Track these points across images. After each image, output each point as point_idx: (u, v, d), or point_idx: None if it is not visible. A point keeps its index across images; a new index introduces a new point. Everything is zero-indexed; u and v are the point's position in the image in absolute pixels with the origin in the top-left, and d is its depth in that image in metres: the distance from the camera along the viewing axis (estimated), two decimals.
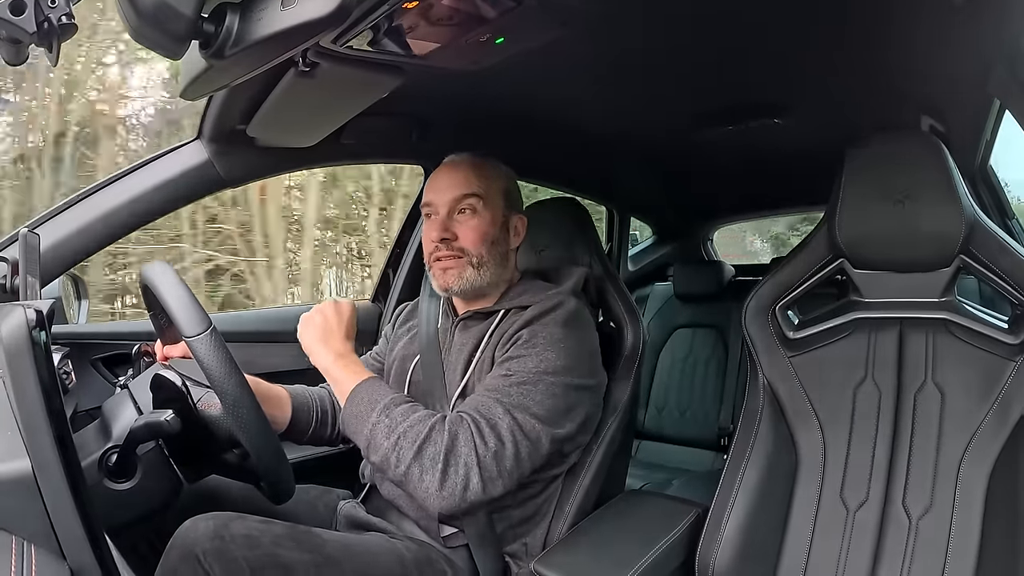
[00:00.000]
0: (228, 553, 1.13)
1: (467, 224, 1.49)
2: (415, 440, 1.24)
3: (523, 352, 1.37)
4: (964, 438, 1.27)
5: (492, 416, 1.29)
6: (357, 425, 1.31)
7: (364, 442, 1.30)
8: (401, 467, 1.24)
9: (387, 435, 1.26)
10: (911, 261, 1.36)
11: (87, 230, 1.56)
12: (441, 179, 1.54)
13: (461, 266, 1.49)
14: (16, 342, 0.74)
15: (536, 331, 1.40)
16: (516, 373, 1.34)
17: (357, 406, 1.32)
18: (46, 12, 0.71)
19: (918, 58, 1.57)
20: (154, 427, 1.11)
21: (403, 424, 1.26)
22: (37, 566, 0.62)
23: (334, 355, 1.40)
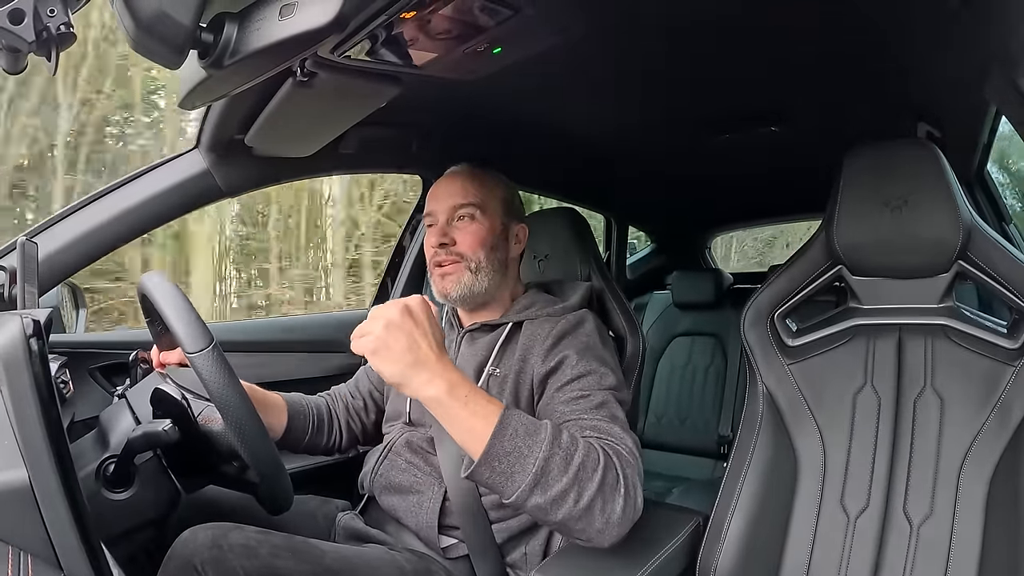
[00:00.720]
0: (226, 563, 1.13)
1: (465, 230, 1.50)
2: (595, 469, 1.11)
3: (584, 371, 1.35)
4: (964, 444, 1.27)
5: (616, 434, 1.23)
6: (517, 463, 1.08)
7: (530, 481, 1.07)
8: (583, 501, 1.08)
9: (564, 468, 1.09)
10: (909, 267, 1.36)
11: (85, 239, 1.57)
12: (441, 189, 1.55)
13: (459, 271, 1.49)
14: (13, 351, 0.74)
15: (583, 348, 1.39)
16: (593, 395, 1.31)
17: (512, 440, 1.09)
18: (45, 21, 0.71)
19: (914, 65, 1.58)
20: (152, 437, 1.11)
21: (578, 453, 1.11)
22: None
23: (446, 385, 1.08)
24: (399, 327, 1.06)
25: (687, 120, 2.03)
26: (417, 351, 1.06)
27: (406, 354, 1.06)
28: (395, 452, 1.52)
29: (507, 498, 1.09)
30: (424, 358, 1.07)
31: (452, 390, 1.07)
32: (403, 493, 1.47)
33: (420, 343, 1.07)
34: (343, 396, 1.74)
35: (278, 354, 2.14)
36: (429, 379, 1.07)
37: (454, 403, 1.08)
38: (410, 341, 1.06)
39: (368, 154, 2.00)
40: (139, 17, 0.72)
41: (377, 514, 1.53)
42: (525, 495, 1.08)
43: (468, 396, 1.09)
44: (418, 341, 1.07)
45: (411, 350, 1.06)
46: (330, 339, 2.31)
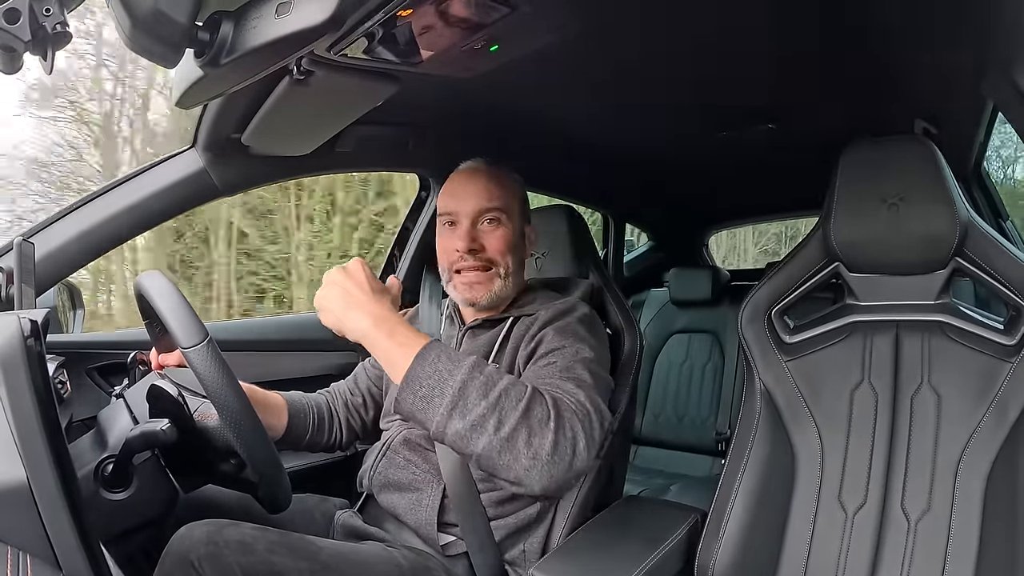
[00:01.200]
0: (222, 559, 1.13)
1: (493, 234, 1.49)
2: (519, 399, 1.13)
3: (558, 345, 1.36)
4: (961, 440, 1.27)
5: (569, 389, 1.24)
6: (434, 387, 1.11)
7: (446, 406, 1.10)
8: (505, 428, 1.10)
9: (484, 393, 1.11)
10: (906, 264, 1.36)
11: (82, 239, 1.56)
12: (462, 188, 1.52)
13: (490, 279, 1.49)
14: (11, 352, 0.74)
15: (562, 328, 1.40)
16: (561, 360, 1.32)
17: (434, 364, 1.12)
18: (41, 21, 0.71)
19: (911, 62, 1.58)
20: (150, 437, 1.11)
21: (502, 382, 1.14)
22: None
23: (371, 319, 1.15)
24: (335, 282, 1.18)
25: (684, 118, 2.03)
26: (348, 297, 1.17)
27: (340, 301, 1.17)
28: (393, 450, 1.52)
29: (430, 426, 1.12)
30: (355, 302, 1.16)
31: (377, 323, 1.15)
32: (402, 491, 1.47)
33: (352, 291, 1.17)
34: (342, 393, 1.74)
35: (276, 353, 2.14)
36: (357, 316, 1.15)
37: (379, 334, 1.15)
38: (343, 290, 1.17)
39: (365, 153, 1.99)
40: (135, 15, 0.72)
41: (376, 512, 1.53)
42: (444, 420, 1.10)
43: (393, 328, 1.16)
44: (350, 290, 1.17)
45: (344, 297, 1.17)
46: (328, 338, 2.30)
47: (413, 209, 2.44)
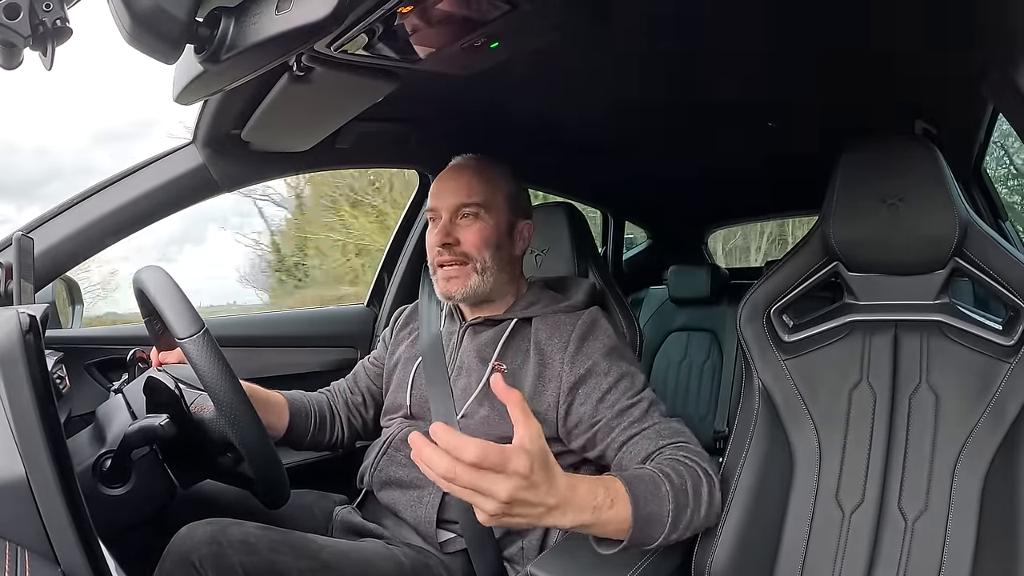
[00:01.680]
0: (224, 559, 1.13)
1: (470, 229, 1.50)
2: (697, 487, 1.24)
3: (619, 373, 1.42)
4: (959, 440, 1.27)
5: (676, 428, 1.35)
6: (655, 520, 1.15)
7: (667, 528, 1.18)
8: (701, 513, 1.24)
9: (686, 504, 1.21)
10: (905, 264, 1.36)
11: (81, 234, 1.56)
12: (445, 184, 1.54)
13: (465, 273, 1.49)
14: (9, 347, 0.74)
15: (607, 349, 1.45)
16: (636, 400, 1.39)
17: (646, 507, 1.13)
18: (41, 16, 0.71)
19: (912, 62, 1.58)
20: (148, 432, 1.11)
21: (688, 483, 1.23)
22: (31, 572, 0.62)
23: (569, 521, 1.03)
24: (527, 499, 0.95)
25: (684, 116, 2.02)
26: (547, 501, 0.97)
27: (537, 508, 0.97)
28: (394, 447, 1.52)
29: (650, 546, 1.19)
30: (552, 506, 0.98)
31: (583, 514, 1.04)
32: (403, 488, 1.47)
33: (544, 498, 0.97)
34: (342, 391, 1.75)
35: (276, 349, 2.14)
36: (562, 516, 1.01)
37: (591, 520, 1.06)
38: (536, 501, 0.96)
39: (365, 149, 1.99)
40: (135, 11, 0.72)
41: (375, 508, 1.53)
42: (667, 539, 1.19)
43: (597, 507, 1.06)
44: (543, 499, 0.97)
45: (542, 503, 0.97)
46: (328, 334, 2.31)
47: (412, 206, 2.44)
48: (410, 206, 2.45)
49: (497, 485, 0.90)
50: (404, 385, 1.58)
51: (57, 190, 11.81)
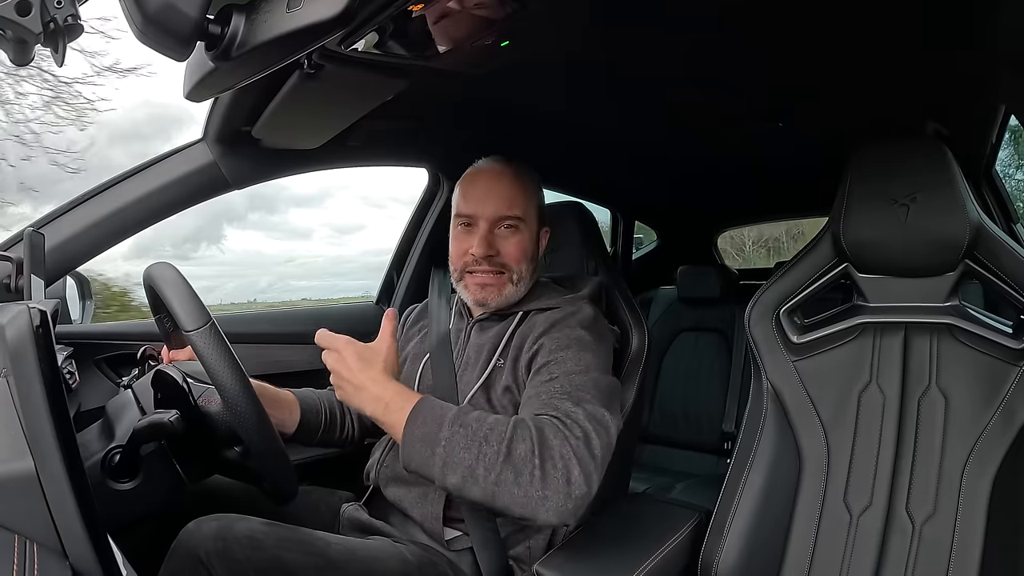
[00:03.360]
0: (231, 555, 1.13)
1: (510, 240, 1.51)
2: (500, 441, 1.17)
3: (556, 356, 1.37)
4: (968, 443, 1.27)
5: (564, 409, 1.25)
6: (426, 448, 1.18)
7: (439, 463, 1.17)
8: (492, 475, 1.14)
9: (467, 446, 1.17)
10: (916, 266, 1.36)
11: (92, 230, 1.57)
12: (483, 192, 1.53)
13: (502, 283, 1.51)
14: (20, 342, 0.74)
15: (561, 336, 1.41)
16: (560, 375, 1.33)
17: (421, 427, 1.20)
18: (52, 13, 0.71)
19: (923, 62, 1.57)
20: (157, 427, 1.11)
21: (482, 429, 1.19)
22: (39, 566, 0.62)
23: (369, 402, 1.26)
24: (332, 369, 1.30)
25: (694, 115, 2.02)
26: (344, 383, 1.28)
27: (342, 386, 1.29)
28: None
29: (437, 481, 1.19)
30: (352, 387, 1.27)
31: (373, 402, 1.26)
32: (408, 485, 1.47)
33: (346, 376, 1.27)
34: None
35: (285, 346, 2.14)
36: (359, 400, 1.27)
37: (377, 413, 1.26)
38: (339, 377, 1.29)
39: (375, 147, 2.00)
40: (146, 9, 0.72)
41: (382, 505, 1.53)
42: (441, 477, 1.18)
43: (388, 403, 1.25)
44: (344, 375, 1.28)
45: (342, 383, 1.29)
46: (338, 331, 2.31)
47: (421, 204, 2.44)
48: (419, 205, 2.44)
49: (327, 356, 1.30)
50: (412, 381, 1.58)
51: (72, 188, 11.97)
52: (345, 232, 20.80)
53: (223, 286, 13.25)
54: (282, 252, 14.83)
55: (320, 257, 18.07)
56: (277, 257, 16.18)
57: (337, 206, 21.63)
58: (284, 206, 19.29)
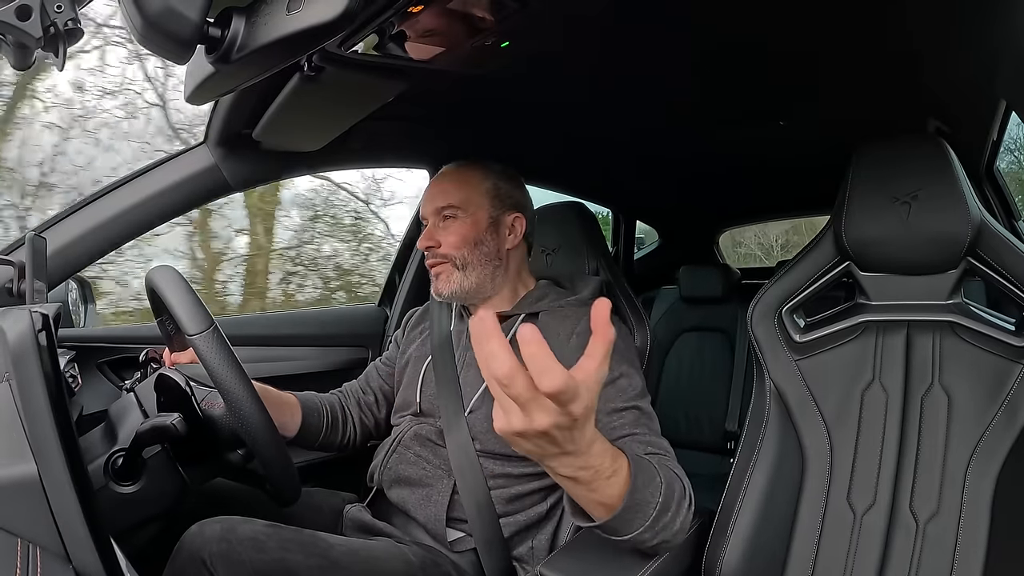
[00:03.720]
0: (234, 556, 1.13)
1: (448, 229, 1.54)
2: (680, 499, 1.17)
3: (615, 375, 1.40)
4: (971, 441, 1.27)
5: (664, 447, 1.32)
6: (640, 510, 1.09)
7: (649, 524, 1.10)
8: (675, 527, 1.15)
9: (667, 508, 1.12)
10: (918, 263, 1.36)
11: (94, 234, 1.57)
12: (429, 191, 1.60)
13: (448, 271, 1.54)
14: (22, 345, 0.74)
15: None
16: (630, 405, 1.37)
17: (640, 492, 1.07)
18: (52, 17, 0.71)
19: (924, 60, 1.57)
20: (160, 430, 1.11)
21: (676, 492, 1.17)
22: (42, 569, 0.62)
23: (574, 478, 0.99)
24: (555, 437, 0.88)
25: (695, 114, 2.02)
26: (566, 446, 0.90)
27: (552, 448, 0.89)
28: (404, 445, 1.53)
29: (620, 537, 1.10)
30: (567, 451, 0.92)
31: (582, 471, 0.98)
32: (412, 486, 1.48)
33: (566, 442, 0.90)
34: (354, 392, 1.76)
35: (287, 348, 2.14)
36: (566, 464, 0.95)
37: (585, 479, 0.99)
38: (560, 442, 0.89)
39: (376, 149, 2.00)
40: (146, 12, 0.72)
41: (385, 507, 1.54)
42: (640, 536, 1.10)
43: (598, 470, 1.00)
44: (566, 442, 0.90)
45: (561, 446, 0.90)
46: (339, 333, 2.31)
47: None
48: (419, 208, 2.45)
49: (545, 414, 0.84)
50: (414, 383, 1.59)
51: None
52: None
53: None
54: None
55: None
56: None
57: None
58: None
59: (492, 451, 1.43)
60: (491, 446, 1.43)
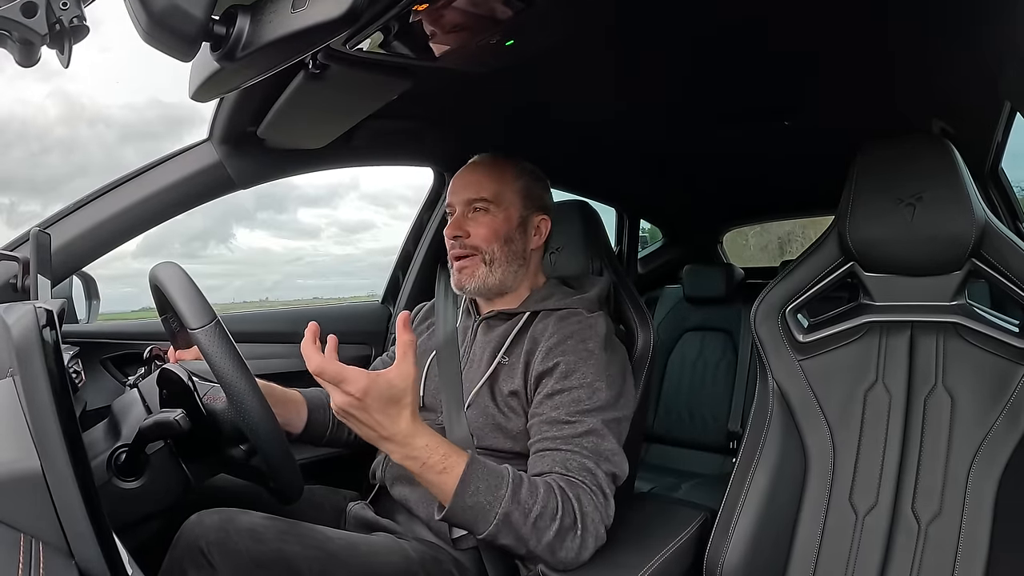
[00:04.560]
0: (232, 545, 1.13)
1: (479, 222, 1.54)
2: (552, 518, 1.21)
3: (575, 383, 1.37)
4: (974, 443, 1.26)
5: (594, 473, 1.29)
6: (476, 515, 1.19)
7: (492, 530, 1.18)
8: (541, 546, 1.20)
9: (523, 520, 1.19)
10: (922, 264, 1.35)
11: (98, 230, 1.57)
12: (458, 182, 1.59)
13: (475, 264, 1.53)
14: (26, 341, 0.74)
15: (579, 354, 1.40)
16: (578, 419, 1.33)
17: (473, 497, 1.19)
18: (58, 14, 0.71)
19: (928, 61, 1.56)
20: (163, 426, 1.12)
21: (536, 505, 1.20)
22: (45, 564, 0.62)
23: (399, 455, 1.17)
24: (350, 416, 1.14)
25: (700, 113, 2.02)
26: (368, 431, 1.15)
27: (370, 432, 1.15)
28: None
29: (478, 536, 1.22)
30: (377, 437, 1.15)
31: (406, 458, 1.17)
32: (414, 483, 1.47)
33: (369, 423, 1.13)
34: None
35: (290, 345, 2.14)
36: (388, 449, 1.17)
37: (413, 468, 1.18)
38: (360, 424, 1.14)
39: (381, 147, 2.00)
40: (151, 9, 0.72)
41: (388, 504, 1.54)
42: (492, 539, 1.20)
43: (425, 460, 1.17)
44: (367, 422, 1.13)
45: (366, 431, 1.15)
46: (342, 330, 2.31)
47: (426, 204, 2.44)
48: (424, 204, 2.45)
49: (335, 394, 1.10)
50: (418, 378, 1.59)
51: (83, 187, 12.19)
52: (353, 231, 20.93)
53: (230, 284, 13.32)
54: (289, 251, 14.91)
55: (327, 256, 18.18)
56: (285, 256, 16.30)
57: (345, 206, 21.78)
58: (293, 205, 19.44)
59: (487, 447, 1.44)
60: (486, 441, 1.44)
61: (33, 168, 46.73)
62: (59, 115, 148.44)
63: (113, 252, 1.63)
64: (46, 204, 19.73)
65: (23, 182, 54.21)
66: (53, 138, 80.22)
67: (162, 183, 1.64)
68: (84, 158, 47.96)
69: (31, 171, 45.38)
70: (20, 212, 29.36)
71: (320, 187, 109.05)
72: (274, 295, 13.10)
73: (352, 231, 66.48)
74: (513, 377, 1.45)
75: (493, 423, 1.44)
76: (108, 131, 51.43)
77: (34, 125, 77.46)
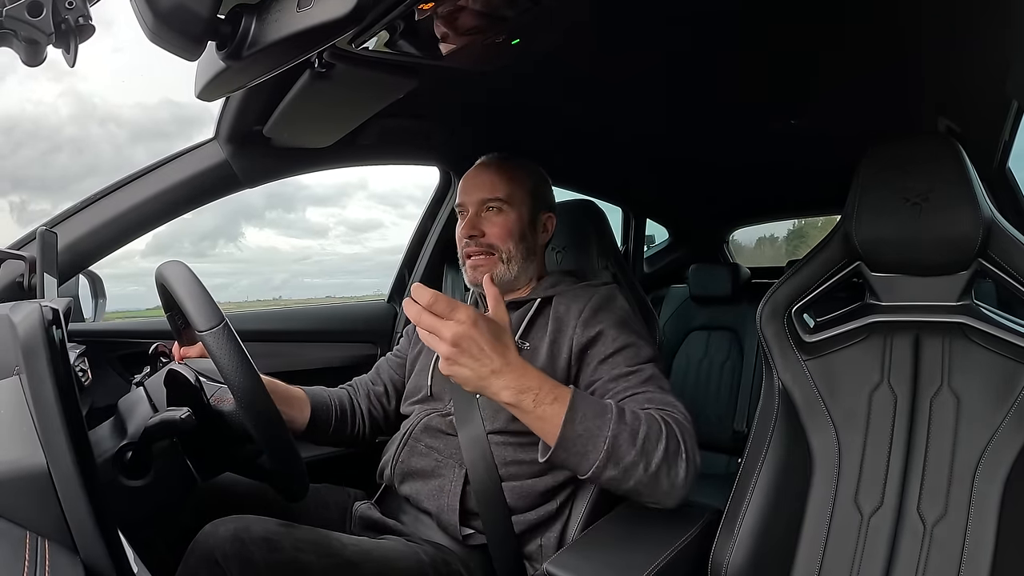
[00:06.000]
0: (247, 556, 1.13)
1: (493, 221, 1.58)
2: (658, 439, 1.21)
3: (624, 342, 1.44)
4: (980, 444, 1.26)
5: (670, 402, 1.34)
6: (588, 443, 1.17)
7: (603, 458, 1.17)
8: (651, 469, 1.19)
9: (632, 442, 1.18)
10: (928, 264, 1.35)
11: (104, 229, 1.58)
12: (470, 182, 1.62)
13: (492, 263, 1.57)
14: (32, 340, 0.75)
15: (619, 320, 1.48)
16: (638, 365, 1.41)
17: (583, 423, 1.17)
18: (63, 14, 0.72)
19: (935, 60, 1.56)
20: (169, 425, 1.12)
21: (642, 427, 1.21)
22: (51, 562, 0.62)
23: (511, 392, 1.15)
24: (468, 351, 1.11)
25: (705, 113, 2.02)
26: (479, 366, 1.12)
27: (481, 368, 1.12)
28: (414, 438, 1.53)
29: (583, 474, 1.19)
30: (487, 373, 1.12)
31: (519, 394, 1.15)
32: (424, 478, 1.48)
33: (479, 358, 1.12)
34: (364, 384, 1.77)
35: (297, 343, 2.15)
36: (496, 389, 1.14)
37: (523, 405, 1.15)
38: (471, 359, 1.11)
39: (387, 146, 2.00)
40: (157, 9, 0.73)
41: (394, 504, 1.54)
42: (600, 471, 1.17)
43: (539, 392, 1.16)
44: (476, 356, 1.11)
45: (475, 368, 1.12)
46: (348, 329, 2.32)
47: (432, 203, 2.44)
48: (430, 203, 2.45)
49: (445, 327, 1.09)
50: (426, 368, 1.62)
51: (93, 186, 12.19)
52: (361, 230, 21.02)
53: (237, 283, 13.37)
54: (298, 249, 14.97)
55: (335, 255, 18.24)
56: (293, 254, 16.35)
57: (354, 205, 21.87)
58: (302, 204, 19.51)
59: (501, 430, 1.45)
60: (499, 425, 1.46)
61: (44, 167, 47.04)
62: (70, 114, 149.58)
63: (121, 251, 1.64)
64: (56, 203, 20.01)
65: (34, 181, 54.33)
66: (64, 137, 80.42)
67: (168, 182, 1.64)
68: (95, 157, 48.34)
69: (42, 170, 45.73)
70: (30, 211, 29.64)
71: (329, 187, 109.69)
72: (284, 294, 13.14)
73: (360, 230, 67.53)
74: (536, 359, 1.47)
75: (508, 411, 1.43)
76: (119, 131, 51.85)
77: (46, 124, 77.62)
